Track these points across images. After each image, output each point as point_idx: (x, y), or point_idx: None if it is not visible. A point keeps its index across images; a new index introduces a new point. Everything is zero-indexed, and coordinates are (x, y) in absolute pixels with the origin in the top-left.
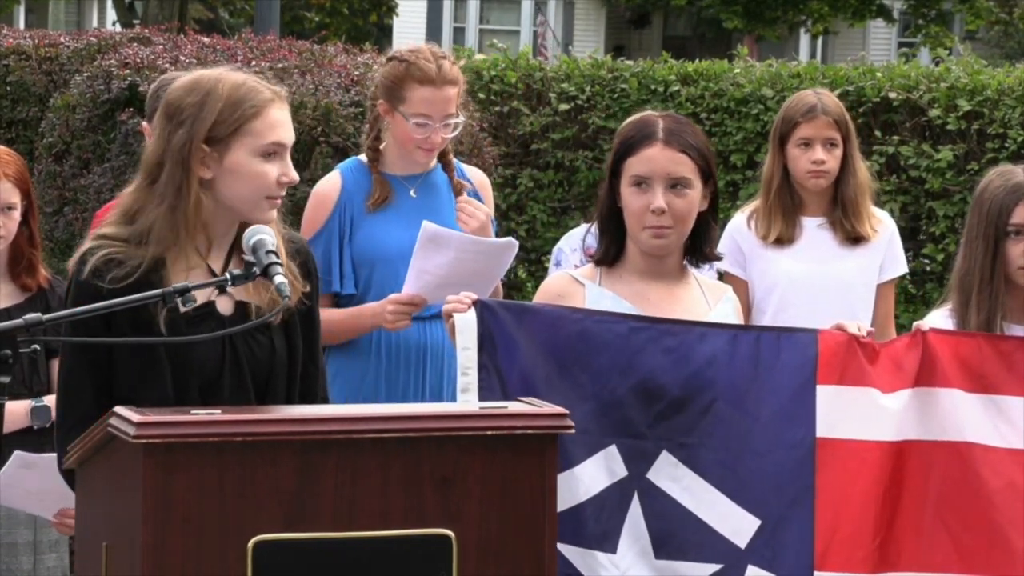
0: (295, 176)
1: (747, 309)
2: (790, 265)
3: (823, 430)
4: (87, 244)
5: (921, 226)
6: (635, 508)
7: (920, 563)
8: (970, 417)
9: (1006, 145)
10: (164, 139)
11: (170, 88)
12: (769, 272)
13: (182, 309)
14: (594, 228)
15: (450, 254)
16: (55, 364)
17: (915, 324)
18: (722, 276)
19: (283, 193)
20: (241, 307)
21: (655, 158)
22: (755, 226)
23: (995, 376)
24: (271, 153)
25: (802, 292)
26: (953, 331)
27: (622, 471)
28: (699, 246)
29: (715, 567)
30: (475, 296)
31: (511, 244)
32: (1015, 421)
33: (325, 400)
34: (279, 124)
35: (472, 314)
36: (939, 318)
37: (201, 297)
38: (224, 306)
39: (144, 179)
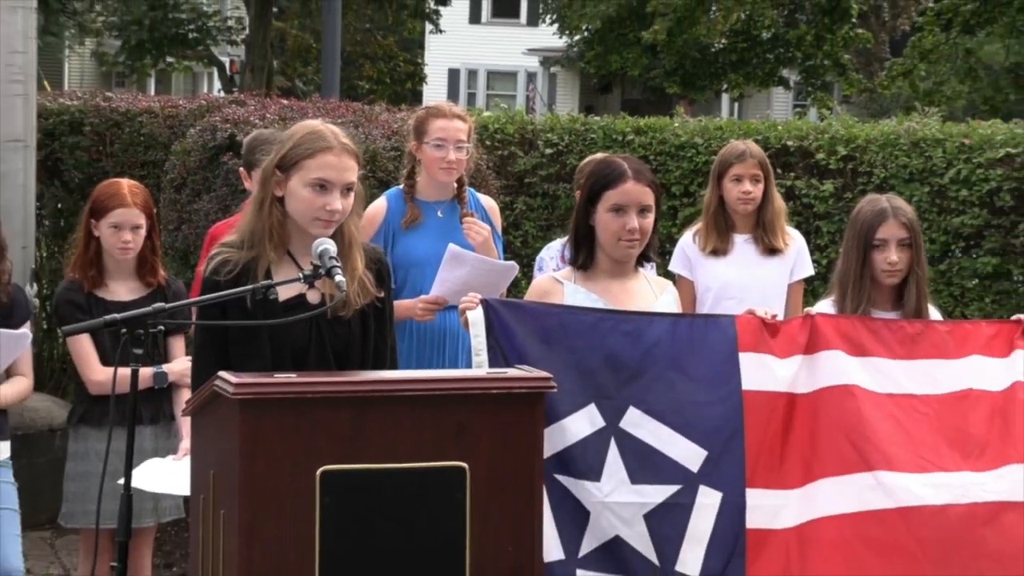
0: (337, 207)
1: (692, 303)
2: (723, 270)
3: (747, 384)
4: (213, 251)
5: (811, 239)
6: (613, 448)
7: (828, 470)
8: (852, 368)
9: (872, 180)
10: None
11: None
12: (708, 275)
13: (270, 299)
14: (564, 240)
15: (467, 269)
16: (171, 341)
17: (805, 310)
18: (672, 276)
19: (332, 218)
20: (325, 300)
21: (630, 191)
22: (698, 241)
23: (868, 345)
24: (319, 185)
25: (732, 290)
26: (834, 315)
27: (601, 422)
28: (644, 251)
29: (676, 487)
30: (480, 296)
31: (513, 267)
32: (888, 374)
33: (394, 366)
34: (329, 166)
35: (480, 310)
36: (824, 306)
37: (293, 291)
38: (313, 298)
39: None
